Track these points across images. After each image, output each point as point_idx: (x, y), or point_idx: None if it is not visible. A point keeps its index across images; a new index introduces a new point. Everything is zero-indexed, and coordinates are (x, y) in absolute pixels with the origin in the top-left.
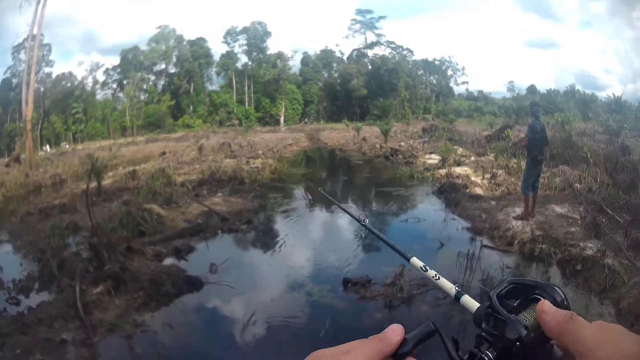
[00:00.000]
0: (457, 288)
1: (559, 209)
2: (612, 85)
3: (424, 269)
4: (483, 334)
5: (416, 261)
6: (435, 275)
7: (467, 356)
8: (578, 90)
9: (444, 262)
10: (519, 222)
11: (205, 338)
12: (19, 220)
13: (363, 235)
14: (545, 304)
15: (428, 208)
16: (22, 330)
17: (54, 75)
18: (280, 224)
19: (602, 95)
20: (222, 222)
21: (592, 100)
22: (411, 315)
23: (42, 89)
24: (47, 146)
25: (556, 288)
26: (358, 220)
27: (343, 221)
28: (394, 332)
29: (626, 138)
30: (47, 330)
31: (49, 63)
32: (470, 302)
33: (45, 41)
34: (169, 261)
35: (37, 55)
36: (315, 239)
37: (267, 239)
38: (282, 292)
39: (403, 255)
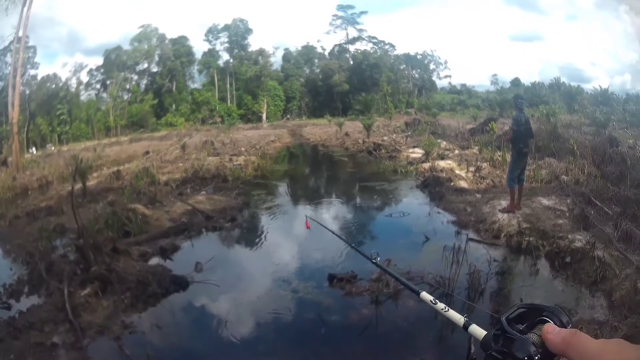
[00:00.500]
0: (465, 318)
1: (545, 202)
2: (598, 77)
3: (433, 302)
4: (493, 353)
5: (426, 295)
6: (445, 307)
7: None
8: (563, 82)
9: (430, 256)
10: (505, 215)
11: (192, 337)
12: (7, 224)
13: (347, 231)
14: (550, 326)
15: (412, 202)
16: (15, 335)
17: (39, 77)
18: (264, 221)
19: (588, 87)
20: (206, 221)
21: (578, 92)
22: (397, 310)
23: (27, 92)
24: (34, 148)
25: (562, 310)
26: (369, 259)
27: (327, 217)
28: None
29: (614, 130)
30: (38, 335)
31: (34, 65)
32: (478, 330)
33: (30, 43)
34: (154, 261)
35: (22, 58)
36: (299, 235)
37: (251, 236)
38: (268, 290)
39: (413, 290)
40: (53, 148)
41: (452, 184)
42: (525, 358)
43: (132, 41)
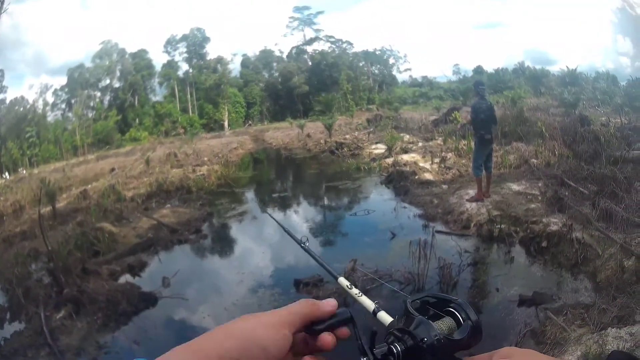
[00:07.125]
0: (376, 304)
1: (515, 187)
2: (563, 59)
3: (349, 287)
4: (394, 331)
5: (343, 280)
6: (358, 292)
7: (377, 349)
8: (528, 66)
9: (398, 252)
10: (474, 204)
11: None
12: None
13: (311, 235)
14: None
15: (377, 199)
16: None
17: (7, 101)
18: (228, 230)
19: (554, 69)
20: (171, 234)
21: (544, 74)
22: (364, 312)
23: None
24: (6, 173)
25: (469, 305)
26: (299, 243)
27: (291, 222)
28: (328, 304)
29: (584, 109)
30: None
31: (2, 89)
32: (386, 317)
33: None
34: (123, 279)
35: None
36: (263, 242)
37: (216, 247)
38: (235, 300)
39: (332, 275)
40: (24, 172)
41: (416, 177)
42: (425, 339)
43: (94, 58)
